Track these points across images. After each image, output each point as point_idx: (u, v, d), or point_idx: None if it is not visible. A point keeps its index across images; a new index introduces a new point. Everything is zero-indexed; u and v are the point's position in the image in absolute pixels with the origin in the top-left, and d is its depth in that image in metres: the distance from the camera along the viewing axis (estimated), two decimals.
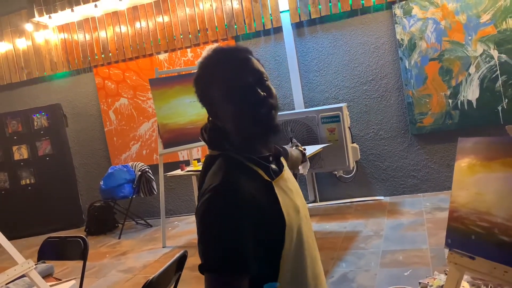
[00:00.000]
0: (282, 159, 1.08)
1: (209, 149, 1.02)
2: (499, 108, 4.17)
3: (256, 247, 0.86)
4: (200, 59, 1.00)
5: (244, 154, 0.96)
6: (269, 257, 0.90)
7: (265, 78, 0.96)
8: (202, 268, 0.84)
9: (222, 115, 0.96)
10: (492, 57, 4.14)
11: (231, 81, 0.93)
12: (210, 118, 1.01)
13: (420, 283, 2.56)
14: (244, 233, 0.84)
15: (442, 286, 2.29)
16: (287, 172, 1.05)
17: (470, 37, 4.19)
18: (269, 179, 0.95)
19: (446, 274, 2.42)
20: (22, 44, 5.86)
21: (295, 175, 1.17)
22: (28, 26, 5.67)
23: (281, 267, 0.91)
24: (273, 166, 1.00)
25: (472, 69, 4.22)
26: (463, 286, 2.20)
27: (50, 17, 5.32)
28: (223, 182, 0.88)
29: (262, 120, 0.93)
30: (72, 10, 5.16)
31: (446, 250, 1.75)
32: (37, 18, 5.42)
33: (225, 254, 0.82)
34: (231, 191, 0.86)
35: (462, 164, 1.77)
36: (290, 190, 0.99)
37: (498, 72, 4.14)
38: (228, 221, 0.83)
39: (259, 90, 0.92)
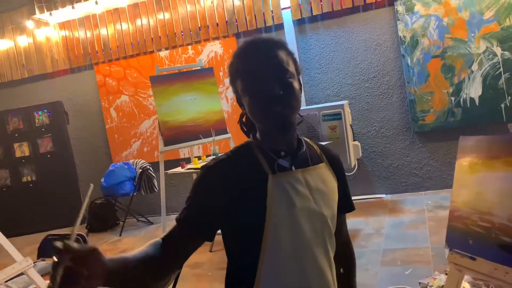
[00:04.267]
0: (325, 161, 1.07)
1: None
2: (502, 105, 4.14)
3: (231, 228, 0.98)
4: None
5: (258, 143, 1.02)
6: (247, 246, 0.97)
7: (288, 76, 0.97)
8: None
9: (244, 105, 1.02)
10: (495, 54, 4.11)
11: (250, 76, 0.97)
12: None
13: (420, 283, 2.54)
14: (203, 205, 0.97)
15: (443, 286, 2.27)
16: (307, 174, 1.01)
17: (473, 34, 4.16)
18: (269, 172, 0.96)
19: (446, 274, 2.40)
20: (23, 41, 5.85)
21: None
22: (29, 23, 5.65)
23: (260, 259, 0.95)
24: (283, 161, 0.99)
25: (474, 66, 4.18)
26: (464, 287, 2.18)
27: (51, 14, 5.30)
28: (213, 163, 1.00)
29: (269, 118, 0.96)
30: (73, 7, 5.14)
31: (447, 250, 1.73)
32: (38, 15, 5.40)
33: (184, 212, 0.99)
34: (211, 171, 0.98)
35: (463, 163, 1.75)
36: (294, 190, 0.97)
37: (501, 69, 4.10)
38: (194, 192, 0.99)
39: (275, 88, 0.94)
